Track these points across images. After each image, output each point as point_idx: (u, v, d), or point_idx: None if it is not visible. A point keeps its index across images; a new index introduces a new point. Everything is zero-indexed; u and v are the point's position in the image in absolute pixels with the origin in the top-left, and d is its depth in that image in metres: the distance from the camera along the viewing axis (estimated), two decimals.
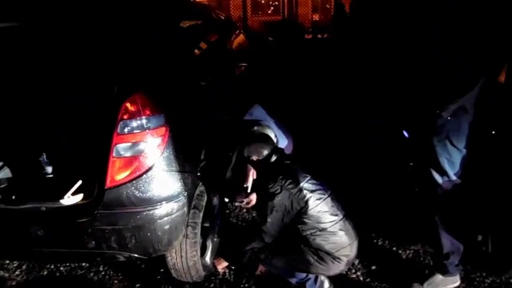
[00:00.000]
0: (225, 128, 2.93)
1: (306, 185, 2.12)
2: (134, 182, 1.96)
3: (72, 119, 2.30)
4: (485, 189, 2.40)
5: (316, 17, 9.07)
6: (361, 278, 2.50)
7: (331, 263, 2.10)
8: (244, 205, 2.92)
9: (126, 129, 1.95)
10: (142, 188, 1.97)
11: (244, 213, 3.21)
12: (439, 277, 2.31)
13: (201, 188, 2.35)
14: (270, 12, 9.21)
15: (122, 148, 1.96)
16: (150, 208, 1.99)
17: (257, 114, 3.00)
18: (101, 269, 2.70)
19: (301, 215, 2.10)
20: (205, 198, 2.38)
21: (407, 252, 2.69)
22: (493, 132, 2.44)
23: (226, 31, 4.36)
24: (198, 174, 2.32)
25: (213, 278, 2.57)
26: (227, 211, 3.21)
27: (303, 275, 2.25)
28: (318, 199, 2.11)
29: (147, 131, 1.98)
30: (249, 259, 2.28)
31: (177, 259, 2.30)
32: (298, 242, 2.14)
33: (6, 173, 2.29)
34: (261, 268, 2.51)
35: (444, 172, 2.11)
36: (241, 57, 4.21)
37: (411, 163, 3.52)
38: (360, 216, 2.38)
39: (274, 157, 2.25)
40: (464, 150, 2.08)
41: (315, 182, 2.17)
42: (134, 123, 1.96)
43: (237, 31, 4.88)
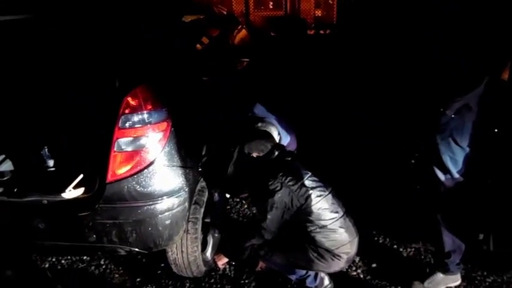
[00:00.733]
0: (226, 124, 2.92)
1: (306, 182, 2.12)
2: (135, 176, 1.96)
3: (74, 113, 2.29)
4: (487, 187, 2.39)
5: (318, 12, 9.00)
6: (362, 276, 2.50)
7: (331, 260, 2.10)
8: (244, 202, 2.92)
9: (127, 124, 1.94)
10: (144, 183, 1.97)
11: (245, 209, 3.21)
12: (440, 275, 2.30)
13: (202, 184, 2.34)
14: (272, 7, 9.14)
15: (123, 142, 1.95)
16: (151, 203, 1.99)
17: (260, 109, 2.99)
18: (102, 262, 2.71)
19: (301, 212, 2.09)
20: (207, 194, 2.38)
21: (408, 250, 2.69)
22: (495, 130, 2.43)
23: (228, 26, 4.35)
24: (200, 169, 2.31)
25: (213, 273, 2.57)
26: (228, 207, 3.21)
27: (303, 271, 2.25)
28: (318, 196, 2.10)
29: (149, 125, 1.97)
30: (249, 255, 2.28)
31: (177, 254, 2.30)
32: (298, 238, 2.14)
33: (8, 165, 2.29)
34: (261, 264, 2.51)
35: (447, 170, 2.09)
36: (243, 53, 4.20)
37: (413, 160, 3.53)
38: (361, 213, 2.38)
39: (275, 154, 2.24)
40: (467, 149, 2.07)
41: (316, 178, 2.16)
42: (136, 118, 1.95)
43: (239, 26, 4.86)
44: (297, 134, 3.11)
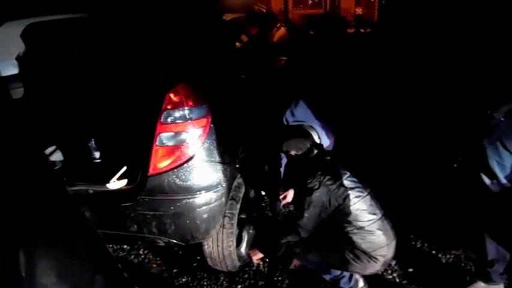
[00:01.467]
0: (265, 122, 2.94)
1: (345, 182, 2.10)
2: (175, 170, 2.02)
3: (120, 108, 2.39)
4: None
5: (359, 10, 8.82)
6: (397, 280, 2.44)
7: (367, 262, 2.07)
8: (280, 199, 2.93)
9: (169, 119, 2.01)
10: (183, 177, 2.03)
11: (280, 206, 3.22)
12: (481, 285, 2.21)
13: (239, 180, 2.38)
14: (311, 5, 9.06)
15: (165, 137, 2.02)
16: (189, 196, 2.04)
17: (300, 113, 2.95)
18: (140, 252, 2.82)
19: (338, 211, 2.08)
20: (243, 190, 2.41)
21: (447, 256, 2.59)
22: None
23: (267, 24, 4.37)
24: (237, 166, 2.35)
25: (247, 268, 2.60)
26: (263, 204, 3.23)
27: (338, 272, 2.24)
28: (356, 197, 2.08)
29: (189, 121, 2.03)
30: (284, 252, 2.29)
31: (213, 248, 2.35)
32: (334, 238, 2.13)
33: (59, 156, 2.43)
34: (295, 262, 2.52)
35: (494, 175, 2.00)
36: (282, 51, 4.20)
37: (455, 165, 3.39)
38: (399, 216, 2.32)
39: (314, 153, 2.23)
40: None
41: (354, 179, 2.14)
42: (177, 114, 2.01)
43: (278, 24, 4.86)
44: (336, 136, 3.07)
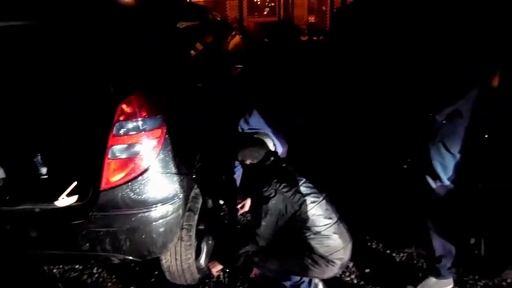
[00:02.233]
0: (220, 131, 2.93)
1: (300, 188, 2.13)
2: (129, 184, 1.96)
3: (67, 120, 2.29)
4: (478, 192, 2.42)
5: (312, 18, 9.09)
6: (355, 281, 2.51)
7: (325, 266, 2.11)
8: (238, 208, 2.92)
9: (122, 131, 1.94)
10: (138, 190, 1.97)
11: (238, 215, 3.21)
12: (433, 280, 2.33)
13: (196, 191, 2.34)
14: (266, 13, 9.21)
15: (117, 150, 1.95)
16: (145, 210, 1.99)
17: (254, 121, 2.98)
18: (94, 271, 2.69)
19: (295, 218, 2.10)
20: (201, 201, 2.38)
21: (401, 255, 2.71)
22: (485, 136, 2.46)
23: (222, 32, 4.37)
24: (194, 176, 2.32)
25: (207, 280, 2.57)
26: (222, 214, 3.21)
27: (297, 278, 2.25)
28: (312, 202, 2.11)
29: (143, 132, 1.97)
30: (243, 262, 2.28)
31: (171, 262, 2.30)
32: (292, 245, 2.15)
33: (0, 173, 2.27)
34: (255, 271, 2.51)
35: (437, 176, 2.12)
36: (237, 59, 4.22)
37: (405, 165, 3.55)
38: (354, 218, 2.39)
39: (269, 161, 2.25)
40: (458, 155, 2.10)
41: (310, 185, 2.18)
42: (130, 125, 1.95)
43: (233, 32, 4.88)
44: (290, 144, 3.12)
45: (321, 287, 2.32)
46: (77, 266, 2.71)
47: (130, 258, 2.04)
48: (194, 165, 2.36)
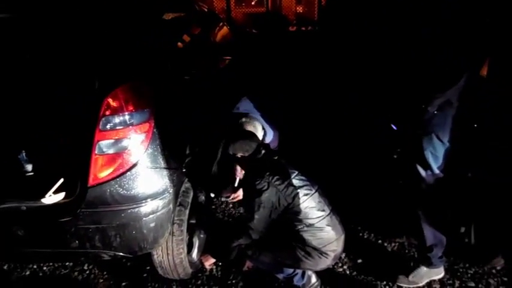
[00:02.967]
0: (210, 123, 2.89)
1: (293, 181, 2.11)
2: (118, 179, 1.92)
3: (52, 115, 2.22)
4: (467, 181, 2.44)
5: (300, 9, 9.02)
6: (348, 272, 2.52)
7: (319, 258, 2.11)
8: (230, 200, 2.90)
9: (108, 126, 1.89)
10: (127, 186, 1.93)
11: (230, 208, 3.20)
12: (424, 269, 2.35)
13: (186, 185, 2.31)
14: (253, 3, 9.11)
15: (104, 145, 1.90)
16: (134, 206, 1.95)
17: (244, 108, 2.97)
18: (85, 267, 2.66)
19: (288, 211, 2.09)
20: (191, 195, 2.36)
21: (392, 245, 2.73)
22: (475, 125, 2.48)
23: (210, 23, 4.30)
24: (184, 170, 2.28)
25: (200, 274, 2.55)
26: (213, 207, 3.18)
27: (290, 270, 2.25)
28: (305, 195, 2.10)
29: (131, 127, 1.93)
30: (236, 255, 2.27)
31: (163, 257, 2.27)
32: (285, 238, 2.14)
33: None
34: (248, 264, 2.51)
35: (428, 166, 2.13)
36: (225, 50, 4.16)
37: (395, 156, 3.56)
38: (346, 210, 2.39)
39: (261, 153, 2.23)
40: (447, 144, 2.11)
41: (302, 177, 2.16)
42: (117, 119, 1.90)
43: (221, 23, 4.81)
44: (279, 132, 3.10)
45: (314, 279, 2.32)
46: (67, 264, 2.67)
47: (121, 254, 2.01)
48: (184, 158, 2.32)
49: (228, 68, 3.83)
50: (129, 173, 1.93)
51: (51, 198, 1.98)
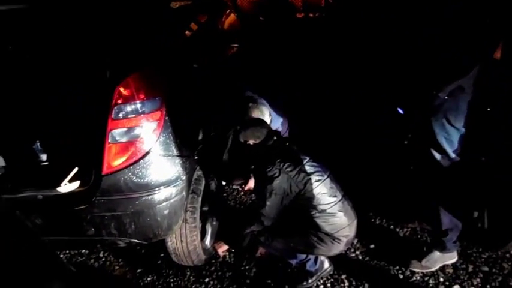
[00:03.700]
0: (220, 110, 2.89)
1: (304, 167, 2.11)
2: (131, 167, 1.94)
3: (66, 105, 2.24)
4: (481, 165, 2.41)
5: None
6: (360, 257, 2.53)
7: (331, 244, 2.12)
8: (241, 188, 2.92)
9: (120, 114, 1.91)
10: (140, 174, 1.95)
11: (242, 196, 3.21)
12: (437, 254, 2.34)
13: (198, 173, 2.33)
14: None
15: (117, 133, 1.92)
16: (148, 193, 1.97)
17: (251, 94, 2.96)
18: (101, 255, 2.70)
19: (300, 197, 2.09)
20: (204, 183, 2.37)
21: (404, 230, 2.72)
22: (488, 109, 2.44)
23: (217, 11, 4.27)
24: (196, 158, 2.29)
25: (213, 261, 2.58)
26: (225, 194, 3.20)
27: (303, 256, 2.27)
28: (316, 181, 2.10)
29: (143, 115, 1.94)
30: (249, 242, 2.29)
31: (177, 244, 2.30)
32: (297, 224, 2.15)
33: (0, 161, 2.25)
34: (261, 250, 2.53)
35: (443, 150, 2.11)
36: (233, 38, 4.14)
37: (406, 141, 3.53)
38: (357, 196, 2.39)
39: (272, 140, 2.22)
40: (462, 129, 2.08)
41: (314, 163, 2.16)
42: (129, 108, 1.91)
43: (228, 11, 4.77)
44: (288, 118, 3.09)
45: (326, 264, 2.34)
46: (83, 251, 2.72)
47: (136, 241, 2.04)
48: (196, 146, 2.33)
49: (236, 56, 3.82)
50: (142, 161, 1.95)
51: (67, 187, 2.02)
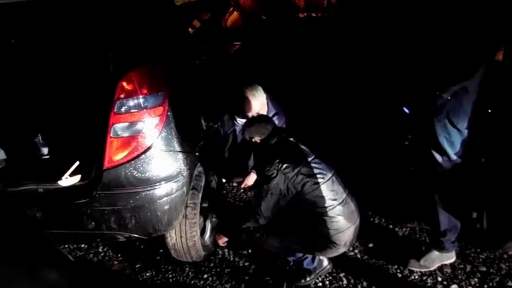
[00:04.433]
0: (221, 107, 2.90)
1: (303, 169, 2.05)
2: (133, 162, 1.94)
3: (67, 99, 2.24)
4: (481, 166, 2.42)
5: None
6: (359, 256, 2.53)
7: (327, 247, 2.07)
8: (241, 186, 2.92)
9: (123, 109, 1.91)
10: (141, 168, 1.95)
11: (241, 193, 3.22)
12: (435, 253, 2.35)
13: (199, 169, 2.33)
14: None
15: (119, 128, 1.92)
16: (149, 188, 1.97)
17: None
18: (100, 250, 2.71)
19: (297, 198, 2.06)
20: (204, 179, 2.37)
21: (403, 229, 2.73)
22: (489, 110, 2.45)
23: (219, 8, 4.28)
24: (197, 154, 2.30)
25: (212, 257, 2.59)
26: (224, 192, 3.21)
27: (300, 254, 2.25)
28: (315, 184, 2.03)
29: (145, 110, 1.94)
30: (247, 236, 2.28)
31: (176, 239, 2.30)
32: (294, 223, 2.13)
33: (1, 154, 2.25)
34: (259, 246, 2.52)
35: (444, 152, 2.11)
36: (235, 36, 4.15)
37: (406, 142, 3.54)
38: (357, 195, 2.38)
39: (277, 135, 2.20)
40: (465, 131, 2.07)
41: (318, 163, 2.10)
42: (131, 103, 1.91)
43: (231, 8, 4.78)
44: (286, 115, 3.09)
45: (325, 263, 2.33)
46: (82, 245, 2.73)
47: (136, 236, 2.04)
48: (197, 142, 2.34)
49: (238, 54, 3.82)
50: (143, 155, 1.95)
51: (68, 180, 2.02)
